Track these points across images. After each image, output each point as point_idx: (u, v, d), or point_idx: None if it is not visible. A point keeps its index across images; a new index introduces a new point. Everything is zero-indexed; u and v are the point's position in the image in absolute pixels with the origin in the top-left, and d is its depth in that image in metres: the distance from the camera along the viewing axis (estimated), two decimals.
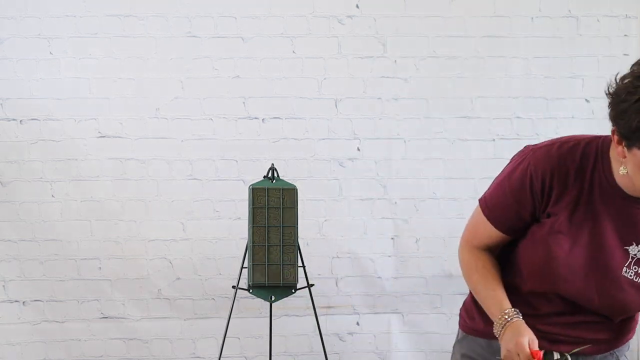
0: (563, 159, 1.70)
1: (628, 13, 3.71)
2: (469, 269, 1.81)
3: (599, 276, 1.68)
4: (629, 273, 1.66)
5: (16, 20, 3.52)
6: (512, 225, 1.75)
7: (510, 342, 1.64)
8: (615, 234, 1.66)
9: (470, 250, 1.81)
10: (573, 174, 1.67)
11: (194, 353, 3.67)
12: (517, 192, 1.72)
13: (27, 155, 3.55)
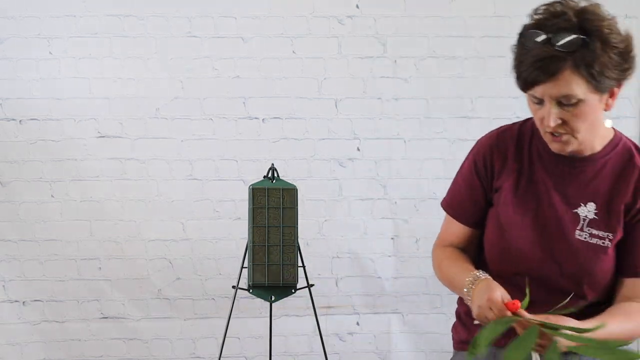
0: (502, 136, 1.75)
1: (628, 13, 3.71)
2: (439, 261, 1.85)
3: (553, 243, 1.66)
4: (583, 235, 1.63)
5: (16, 20, 3.52)
6: (472, 215, 1.79)
7: (481, 299, 1.58)
8: (561, 199, 1.65)
9: (441, 248, 1.87)
10: (512, 148, 1.70)
11: (194, 353, 3.67)
12: (467, 179, 1.79)
13: (26, 155, 3.55)
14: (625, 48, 1.54)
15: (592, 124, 1.59)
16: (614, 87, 1.57)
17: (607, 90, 1.56)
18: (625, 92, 4.05)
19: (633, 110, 3.76)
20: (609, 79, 1.53)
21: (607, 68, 1.51)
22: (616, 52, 1.52)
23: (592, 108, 1.55)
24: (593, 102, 1.55)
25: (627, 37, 1.55)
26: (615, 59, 1.52)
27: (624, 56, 1.54)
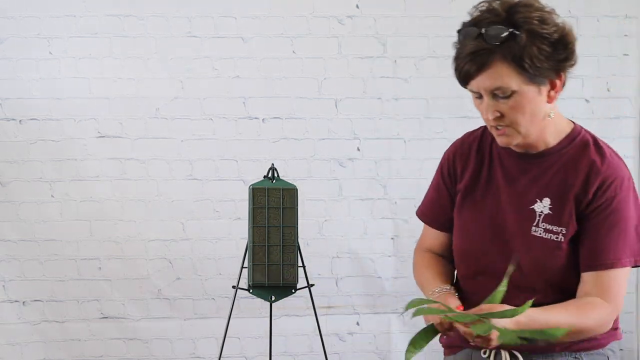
0: (466, 139, 1.77)
1: (628, 13, 3.71)
2: (415, 266, 1.92)
3: (510, 241, 1.63)
4: (538, 231, 1.61)
5: (16, 20, 3.52)
6: (443, 220, 1.80)
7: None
8: (517, 197, 1.63)
9: (420, 253, 1.92)
10: (475, 149, 1.72)
11: (194, 353, 3.67)
12: (435, 186, 1.81)
13: (26, 155, 3.55)
14: (560, 38, 1.53)
15: (533, 116, 1.57)
16: (552, 78, 1.55)
17: (544, 81, 1.54)
18: (625, 92, 4.09)
19: (633, 110, 3.76)
20: (543, 69, 1.52)
21: (537, 59, 1.50)
22: (547, 42, 1.51)
23: (529, 100, 1.54)
24: (530, 94, 1.54)
25: (562, 28, 1.54)
26: (546, 49, 1.51)
27: (557, 46, 1.52)
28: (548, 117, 1.59)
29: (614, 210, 1.55)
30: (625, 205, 1.57)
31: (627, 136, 3.75)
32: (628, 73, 3.73)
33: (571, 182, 1.58)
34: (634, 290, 3.83)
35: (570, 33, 1.55)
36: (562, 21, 1.56)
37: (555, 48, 1.52)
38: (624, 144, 3.75)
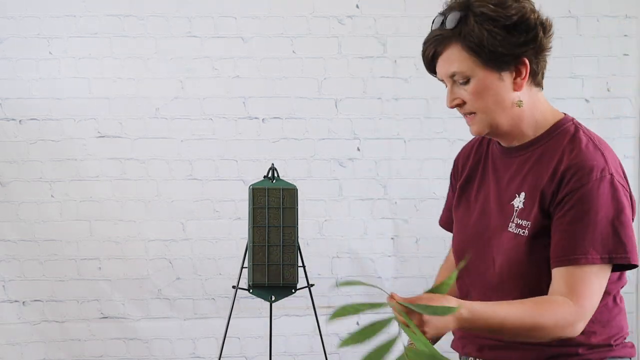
0: (470, 143, 1.75)
1: (628, 13, 3.71)
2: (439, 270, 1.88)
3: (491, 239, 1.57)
4: (512, 227, 1.53)
5: (16, 19, 3.51)
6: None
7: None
8: (500, 193, 1.57)
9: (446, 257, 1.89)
10: (475, 148, 1.70)
11: (194, 353, 3.67)
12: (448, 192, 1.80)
13: (26, 155, 3.55)
14: (518, 22, 1.45)
15: (496, 103, 1.50)
16: (514, 64, 1.48)
17: (506, 67, 1.48)
18: (625, 92, 4.09)
19: (633, 110, 3.76)
20: (498, 54, 1.46)
21: (489, 42, 1.46)
22: (499, 25, 1.45)
23: (488, 86, 1.49)
24: (488, 80, 1.49)
25: (524, 12, 1.46)
26: (499, 32, 1.45)
27: (513, 30, 1.45)
28: (517, 106, 1.50)
29: (580, 202, 1.44)
30: (593, 196, 1.44)
31: (627, 136, 3.75)
32: (628, 73, 3.73)
33: (541, 174, 1.50)
34: (634, 290, 3.83)
35: (532, 17, 1.47)
36: (527, 6, 1.48)
37: (510, 32, 1.46)
38: (624, 144, 3.75)
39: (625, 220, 1.45)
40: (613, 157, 1.50)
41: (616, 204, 1.45)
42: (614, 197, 1.45)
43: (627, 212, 1.46)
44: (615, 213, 1.45)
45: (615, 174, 1.46)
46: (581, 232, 1.44)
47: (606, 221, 1.44)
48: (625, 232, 1.45)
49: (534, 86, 1.53)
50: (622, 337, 1.56)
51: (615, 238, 1.44)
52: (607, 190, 1.45)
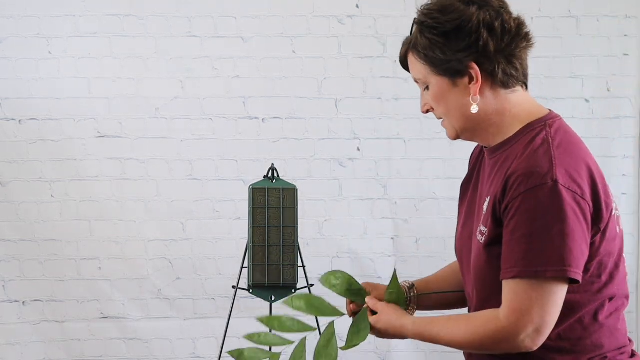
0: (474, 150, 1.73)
1: (628, 13, 3.71)
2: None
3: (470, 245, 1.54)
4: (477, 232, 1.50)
5: (15, 19, 3.51)
6: None
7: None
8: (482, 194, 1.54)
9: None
10: (474, 159, 1.67)
11: (194, 353, 3.67)
12: None
13: (26, 155, 3.55)
14: (457, 28, 1.44)
15: (452, 109, 1.50)
16: (462, 68, 1.46)
17: (454, 72, 1.47)
18: (625, 92, 4.09)
19: (633, 110, 3.77)
20: (442, 60, 1.46)
21: (431, 49, 1.47)
22: (437, 32, 1.46)
23: (442, 92, 1.49)
24: (441, 86, 1.49)
25: (460, 16, 1.44)
26: (439, 40, 1.46)
27: (452, 36, 1.45)
28: (472, 113, 1.48)
29: (519, 211, 1.37)
30: (531, 205, 1.36)
31: (627, 136, 3.75)
32: (628, 73, 3.73)
33: (499, 179, 1.45)
34: (634, 290, 3.83)
35: (474, 21, 1.44)
36: (470, 11, 1.45)
37: (449, 38, 1.46)
38: (624, 144, 3.76)
39: (567, 230, 1.36)
40: (570, 162, 1.40)
41: (557, 213, 1.35)
42: (554, 205, 1.36)
43: (570, 222, 1.36)
44: (553, 223, 1.36)
45: (562, 179, 1.36)
46: (519, 243, 1.38)
47: (544, 231, 1.36)
48: (565, 243, 1.36)
49: (501, 88, 1.49)
50: (601, 356, 1.47)
51: (553, 250, 1.36)
52: (547, 198, 1.36)
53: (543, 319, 1.38)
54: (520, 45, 1.48)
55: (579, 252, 1.37)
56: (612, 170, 3.76)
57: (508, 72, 1.47)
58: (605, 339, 1.47)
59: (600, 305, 1.46)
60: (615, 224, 1.47)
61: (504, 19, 1.46)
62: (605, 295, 1.46)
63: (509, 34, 1.46)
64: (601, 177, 1.43)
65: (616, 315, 1.49)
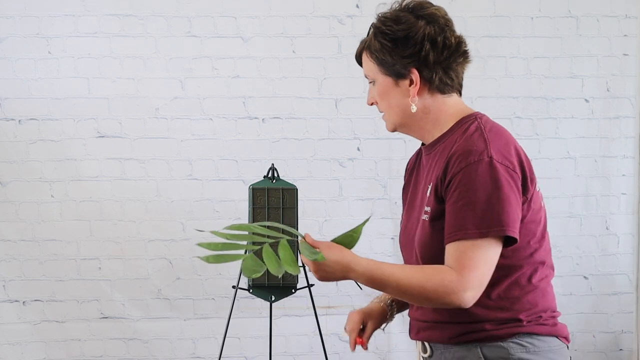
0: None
1: (628, 13, 3.71)
2: None
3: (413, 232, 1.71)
4: (423, 214, 1.67)
5: (15, 19, 3.51)
6: None
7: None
8: (424, 187, 1.71)
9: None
10: (410, 166, 1.85)
11: (194, 353, 3.67)
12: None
13: (26, 155, 3.55)
14: (406, 37, 1.64)
15: (392, 106, 1.69)
16: (404, 72, 1.65)
17: (397, 74, 1.66)
18: (625, 92, 4.09)
19: (633, 110, 3.77)
20: (389, 62, 1.66)
21: (380, 52, 1.66)
22: (388, 38, 1.65)
23: (385, 90, 1.69)
24: (385, 84, 1.68)
25: (410, 27, 1.65)
26: (388, 44, 1.65)
27: (399, 43, 1.65)
28: (410, 111, 1.68)
29: (461, 183, 1.57)
30: (472, 177, 1.56)
31: (627, 136, 3.75)
32: (628, 73, 3.73)
33: (440, 164, 1.64)
34: (634, 290, 3.84)
35: (420, 33, 1.64)
36: (412, 22, 1.65)
37: (397, 44, 1.65)
38: (624, 144, 3.76)
39: (503, 197, 1.55)
40: (500, 143, 1.61)
41: (494, 183, 1.55)
42: (491, 176, 1.56)
43: (505, 190, 1.55)
44: (491, 191, 1.55)
45: (495, 156, 1.57)
46: (462, 210, 1.56)
47: (484, 199, 1.55)
48: (502, 208, 1.55)
49: (438, 93, 1.68)
50: (536, 314, 1.64)
51: (492, 213, 1.55)
52: (485, 171, 1.56)
53: (485, 276, 1.57)
54: (457, 60, 1.70)
55: (514, 215, 1.57)
56: (612, 170, 3.77)
57: (444, 81, 1.68)
58: (539, 299, 1.65)
59: (533, 270, 1.64)
60: (540, 198, 1.67)
61: (446, 36, 1.67)
62: (536, 259, 1.64)
63: (448, 49, 1.67)
64: (526, 157, 1.64)
65: (546, 281, 1.68)
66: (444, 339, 1.66)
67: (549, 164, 3.73)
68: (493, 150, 1.58)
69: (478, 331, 1.62)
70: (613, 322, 3.82)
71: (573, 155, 3.75)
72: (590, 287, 3.80)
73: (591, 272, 3.80)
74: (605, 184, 3.77)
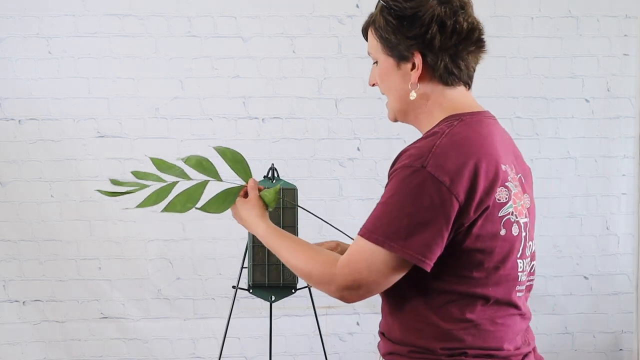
0: None
1: (628, 13, 3.71)
2: None
3: None
4: None
5: (15, 19, 3.51)
6: None
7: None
8: None
9: None
10: None
11: (194, 353, 3.67)
12: None
13: (26, 155, 3.55)
14: (414, 15, 1.50)
15: (391, 90, 1.58)
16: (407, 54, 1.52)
17: (400, 56, 1.53)
18: (625, 92, 4.09)
19: (633, 110, 3.77)
20: (391, 41, 1.53)
21: (384, 29, 1.54)
22: (394, 15, 1.52)
23: (386, 71, 1.57)
24: (386, 65, 1.56)
25: (419, 5, 1.51)
26: (393, 22, 1.52)
27: (405, 21, 1.51)
28: (409, 98, 1.55)
29: (390, 181, 1.47)
30: (397, 179, 1.45)
31: (627, 136, 3.76)
32: (628, 73, 3.73)
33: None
34: (634, 290, 3.84)
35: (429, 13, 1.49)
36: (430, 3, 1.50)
37: (402, 23, 1.51)
38: (624, 144, 3.76)
39: (418, 217, 1.40)
40: (450, 156, 1.42)
41: (413, 196, 1.41)
42: (415, 187, 1.41)
43: (422, 210, 1.40)
44: (408, 203, 1.41)
45: (431, 168, 1.41)
46: (377, 208, 1.46)
47: (397, 207, 1.42)
48: (410, 227, 1.41)
49: (440, 83, 1.53)
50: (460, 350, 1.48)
51: (398, 226, 1.41)
52: (410, 180, 1.42)
53: (367, 281, 1.45)
54: (467, 48, 1.52)
55: (422, 240, 1.41)
56: (612, 170, 3.77)
57: (449, 70, 1.52)
58: (470, 336, 1.48)
59: (469, 303, 1.48)
60: (500, 226, 1.46)
61: (457, 20, 1.50)
62: (477, 293, 1.48)
63: (458, 35, 1.50)
64: (490, 180, 1.44)
65: (491, 320, 1.49)
66: (384, 352, 1.59)
67: (549, 164, 3.73)
68: (432, 161, 1.41)
69: (400, 354, 1.53)
70: (613, 322, 3.83)
71: (573, 155, 3.75)
72: (590, 287, 3.80)
73: (591, 272, 3.80)
74: (606, 184, 3.77)
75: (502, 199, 1.45)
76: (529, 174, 1.61)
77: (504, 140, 1.55)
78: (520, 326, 1.54)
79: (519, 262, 1.50)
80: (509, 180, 1.47)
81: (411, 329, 1.51)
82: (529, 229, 1.53)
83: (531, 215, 1.56)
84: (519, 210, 1.49)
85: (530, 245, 1.55)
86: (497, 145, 1.49)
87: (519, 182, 1.53)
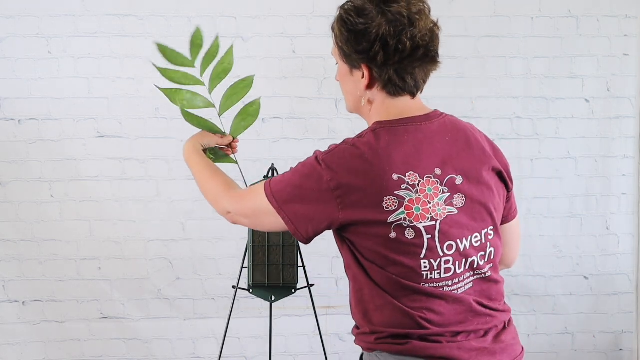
0: None
1: (628, 13, 3.71)
2: None
3: None
4: None
5: (15, 19, 3.51)
6: None
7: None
8: None
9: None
10: None
11: (194, 353, 3.67)
12: None
13: (26, 155, 3.55)
14: (364, 31, 1.61)
15: (348, 93, 1.74)
16: (357, 65, 1.66)
17: (353, 65, 1.68)
18: (625, 92, 4.08)
19: (633, 110, 3.77)
20: (345, 51, 1.67)
21: (339, 39, 1.67)
22: (346, 28, 1.64)
23: (343, 76, 1.73)
24: (343, 70, 1.71)
25: (368, 23, 1.61)
26: (345, 34, 1.65)
27: (355, 36, 1.62)
28: (360, 102, 1.72)
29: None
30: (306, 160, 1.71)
31: (627, 136, 3.75)
32: (628, 73, 3.73)
33: None
34: (634, 290, 3.84)
35: (375, 32, 1.60)
36: (378, 23, 1.60)
37: (352, 36, 1.63)
38: (624, 144, 3.76)
39: (298, 190, 1.66)
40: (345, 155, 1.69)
41: (301, 174, 1.66)
42: (306, 169, 1.66)
43: (304, 186, 1.64)
44: (296, 179, 1.67)
45: (322, 158, 1.67)
46: (285, 172, 1.74)
47: (290, 173, 1.70)
48: (288, 192, 1.67)
49: (384, 92, 1.67)
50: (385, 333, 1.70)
51: (279, 185, 1.69)
52: (307, 162, 1.68)
53: (243, 214, 1.83)
54: (413, 64, 1.64)
55: (292, 207, 1.66)
56: (612, 171, 3.77)
57: (394, 82, 1.65)
58: (387, 319, 1.70)
59: (375, 291, 1.70)
60: (390, 230, 1.60)
61: (400, 40, 1.60)
62: (371, 282, 1.69)
63: (400, 53, 1.61)
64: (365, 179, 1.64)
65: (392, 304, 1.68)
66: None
67: (549, 164, 3.73)
68: (326, 155, 1.67)
69: (361, 339, 1.76)
70: (613, 322, 3.82)
71: (573, 155, 3.75)
72: (590, 287, 3.80)
73: (591, 272, 3.80)
74: (606, 184, 3.77)
75: (391, 207, 1.59)
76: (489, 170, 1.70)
77: (434, 143, 1.66)
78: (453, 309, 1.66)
79: (422, 262, 1.61)
80: (403, 189, 1.60)
81: (359, 314, 1.80)
82: (440, 230, 1.62)
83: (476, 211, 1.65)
84: (418, 215, 1.60)
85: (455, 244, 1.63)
86: (405, 153, 1.63)
87: (442, 185, 1.63)
